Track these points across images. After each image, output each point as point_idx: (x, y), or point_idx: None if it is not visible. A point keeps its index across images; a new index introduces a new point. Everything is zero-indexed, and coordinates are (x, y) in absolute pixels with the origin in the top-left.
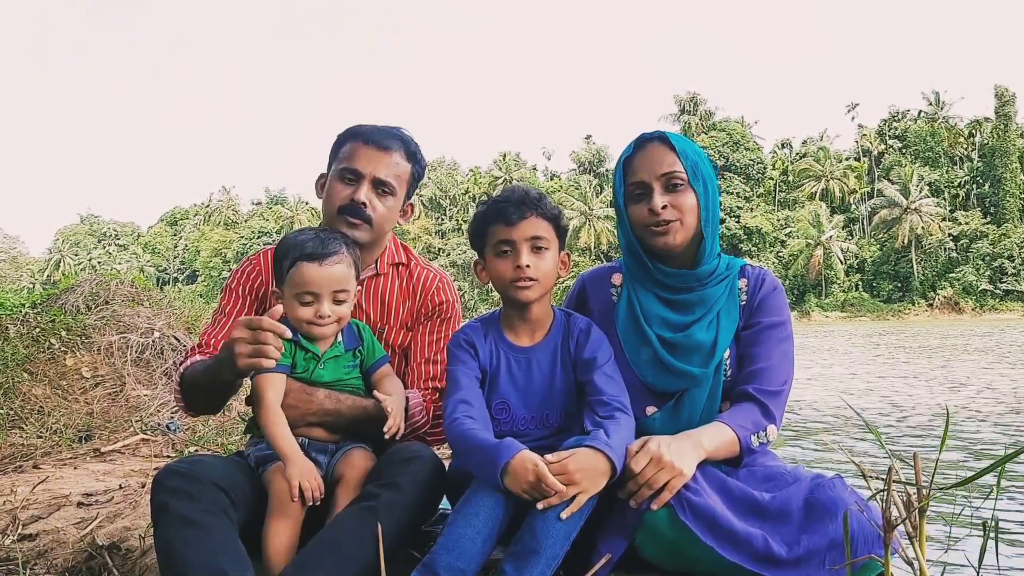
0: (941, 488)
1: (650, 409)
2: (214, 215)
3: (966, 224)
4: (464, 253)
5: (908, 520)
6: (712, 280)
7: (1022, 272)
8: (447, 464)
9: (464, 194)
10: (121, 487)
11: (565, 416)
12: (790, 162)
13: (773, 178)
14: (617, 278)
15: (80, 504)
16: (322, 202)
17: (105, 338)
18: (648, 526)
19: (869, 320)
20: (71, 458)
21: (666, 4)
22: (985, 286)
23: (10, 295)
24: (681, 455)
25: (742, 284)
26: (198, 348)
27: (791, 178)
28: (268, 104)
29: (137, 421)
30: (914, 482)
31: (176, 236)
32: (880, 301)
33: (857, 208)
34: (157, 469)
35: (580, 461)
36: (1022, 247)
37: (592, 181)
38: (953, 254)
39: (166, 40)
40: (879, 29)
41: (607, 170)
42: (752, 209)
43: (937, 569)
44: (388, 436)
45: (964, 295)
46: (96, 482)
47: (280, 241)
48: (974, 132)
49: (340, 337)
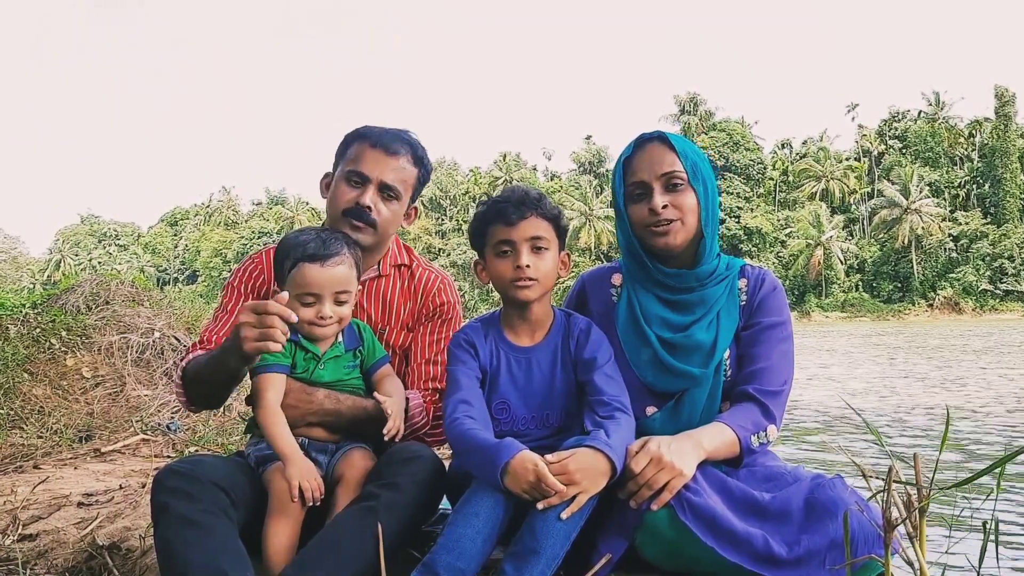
0: (941, 488)
1: (650, 409)
2: (214, 215)
3: (966, 224)
4: (464, 253)
5: (908, 520)
6: (712, 280)
7: (1022, 272)
8: (447, 464)
9: (464, 194)
10: (121, 487)
11: (565, 416)
12: (790, 162)
13: (773, 178)
14: (617, 278)
15: (80, 504)
16: (327, 202)
17: (105, 338)
18: (648, 526)
19: (869, 320)
20: (71, 458)
21: (666, 4)
22: (985, 286)
23: (10, 295)
24: (681, 455)
25: (742, 284)
26: (199, 345)
27: (791, 178)
28: (268, 104)
29: (137, 421)
30: (914, 482)
31: (176, 236)
32: (880, 301)
33: (857, 208)
34: (157, 469)
35: (580, 461)
36: (1022, 247)
37: (592, 181)
38: (953, 254)
39: (166, 40)
40: (879, 29)
41: (607, 170)
42: (752, 209)
43: (937, 569)
44: (387, 438)
45: (964, 295)
46: (96, 482)
47: (281, 241)
48: (974, 132)
49: (340, 337)
